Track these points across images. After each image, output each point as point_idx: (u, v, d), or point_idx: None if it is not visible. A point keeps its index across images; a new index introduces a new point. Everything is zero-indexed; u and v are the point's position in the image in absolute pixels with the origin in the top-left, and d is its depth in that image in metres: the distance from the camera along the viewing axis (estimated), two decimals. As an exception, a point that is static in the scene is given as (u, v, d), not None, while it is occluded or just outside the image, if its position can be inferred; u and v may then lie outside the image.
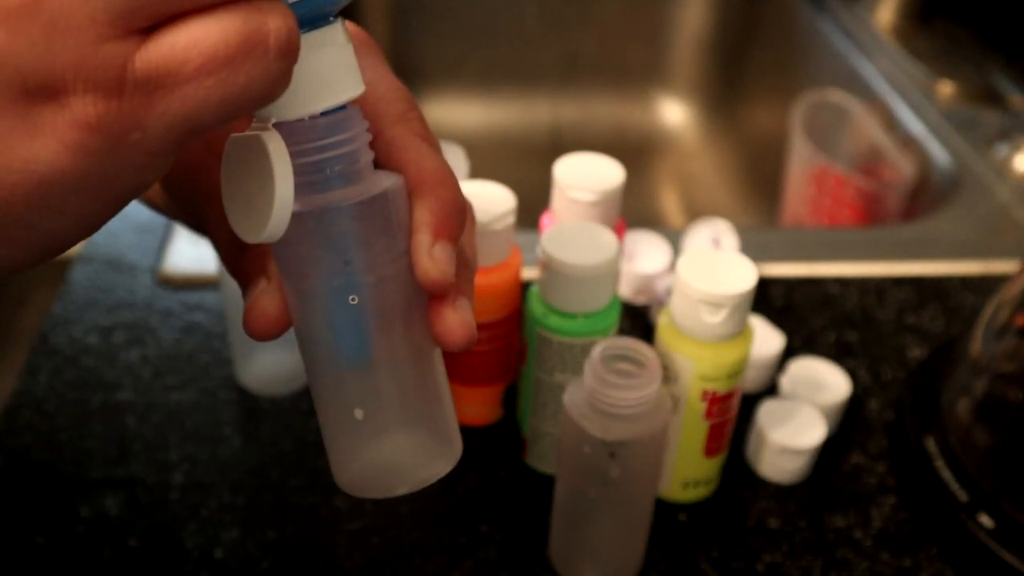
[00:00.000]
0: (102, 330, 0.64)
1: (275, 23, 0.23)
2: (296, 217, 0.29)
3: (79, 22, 0.22)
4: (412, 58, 1.18)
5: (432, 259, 0.30)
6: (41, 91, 0.23)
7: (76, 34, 0.22)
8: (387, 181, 0.30)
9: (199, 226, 0.35)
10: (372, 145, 0.31)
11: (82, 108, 0.23)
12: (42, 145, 0.23)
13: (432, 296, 0.31)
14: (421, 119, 0.33)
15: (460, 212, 0.32)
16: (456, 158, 0.56)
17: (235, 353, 0.60)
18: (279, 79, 0.24)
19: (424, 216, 0.31)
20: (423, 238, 0.30)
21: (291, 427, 0.58)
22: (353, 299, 0.30)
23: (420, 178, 0.31)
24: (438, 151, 0.33)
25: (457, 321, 0.31)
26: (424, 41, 1.18)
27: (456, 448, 0.33)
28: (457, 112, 1.21)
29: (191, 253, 0.70)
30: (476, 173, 0.59)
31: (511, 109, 1.23)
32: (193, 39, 0.22)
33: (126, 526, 0.52)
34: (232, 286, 0.56)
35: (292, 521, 0.53)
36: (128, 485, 0.54)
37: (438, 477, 0.33)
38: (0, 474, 0.55)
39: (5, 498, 0.54)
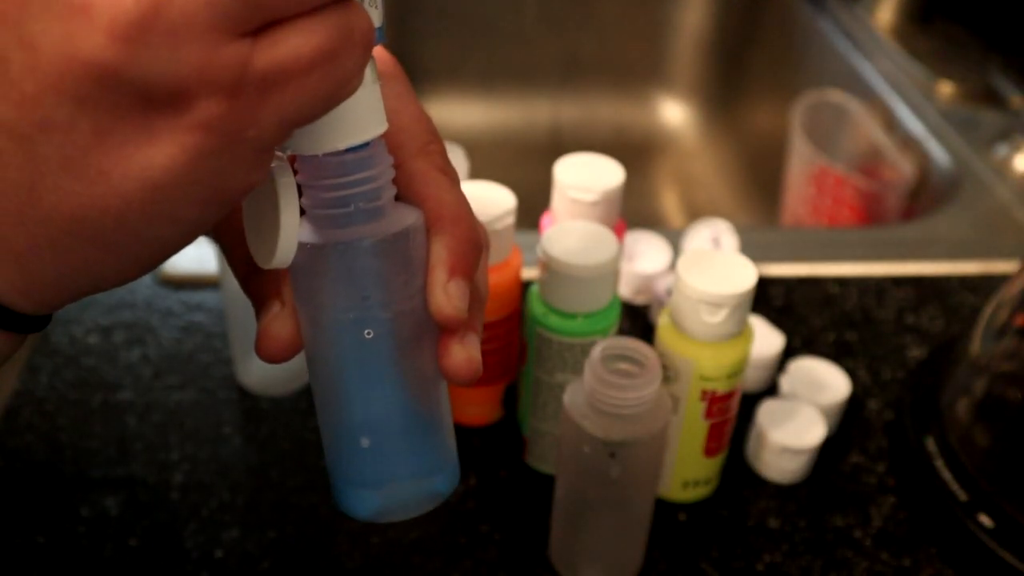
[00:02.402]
0: (102, 330, 0.64)
1: (358, 20, 0.25)
2: (317, 250, 0.29)
3: (200, 28, 0.22)
4: (412, 58, 1.18)
5: (447, 296, 0.31)
6: (162, 98, 0.23)
7: (198, 39, 0.23)
8: (408, 217, 0.31)
9: (217, 240, 0.35)
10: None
11: (203, 110, 0.23)
12: (158, 150, 0.24)
13: (442, 330, 0.32)
14: (442, 151, 0.34)
15: (476, 249, 0.32)
16: (456, 158, 0.56)
17: (235, 353, 0.60)
18: (359, 72, 0.26)
19: (441, 253, 0.31)
20: (439, 275, 0.31)
21: (291, 427, 0.58)
22: (368, 333, 0.30)
23: (439, 213, 0.32)
24: (457, 185, 0.33)
25: (464, 358, 0.32)
26: (424, 41, 1.18)
27: (455, 476, 0.34)
28: (457, 112, 1.21)
29: (191, 253, 0.70)
30: (476, 173, 0.59)
31: (511, 109, 1.23)
32: (303, 38, 0.24)
33: (126, 526, 0.52)
34: (233, 286, 0.56)
35: (292, 521, 0.53)
36: (128, 485, 0.54)
37: (436, 504, 0.33)
38: (0, 474, 0.55)
39: (5, 498, 0.54)
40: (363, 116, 0.29)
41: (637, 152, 1.22)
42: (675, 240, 0.70)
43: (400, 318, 0.31)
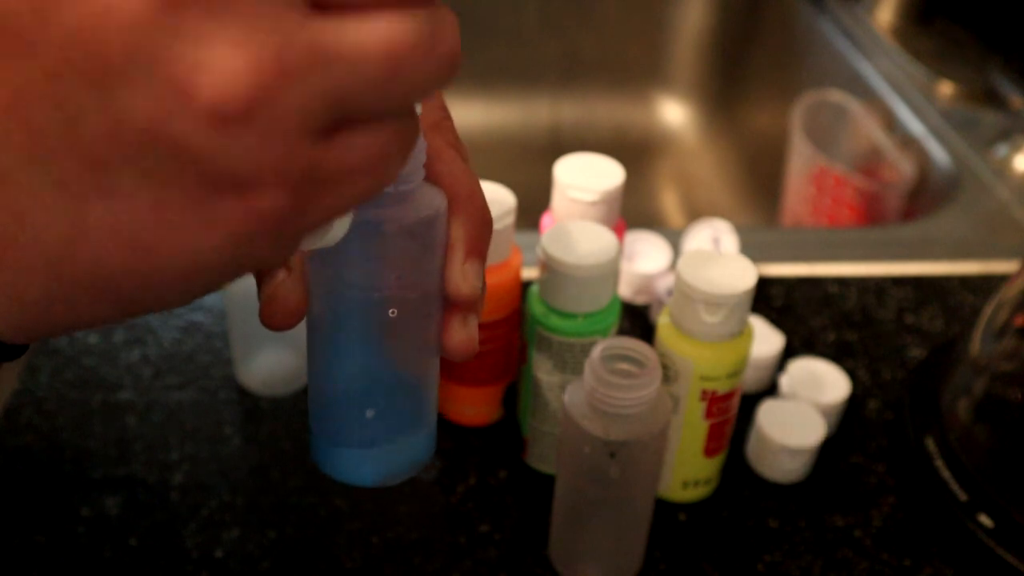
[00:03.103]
0: (103, 330, 0.64)
1: (412, 127, 0.26)
2: (358, 229, 0.29)
3: (287, 128, 0.22)
4: (412, 58, 1.18)
5: (464, 276, 0.32)
6: (229, 185, 0.23)
7: (283, 138, 0.22)
8: (436, 199, 0.31)
9: None
10: None
11: (265, 201, 0.23)
12: (209, 236, 0.24)
13: (448, 307, 0.33)
14: (453, 127, 0.34)
15: (488, 228, 0.33)
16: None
17: (235, 353, 0.60)
18: (398, 172, 0.26)
19: (459, 233, 0.32)
20: (457, 255, 0.32)
21: (291, 427, 0.58)
22: (393, 312, 0.31)
23: (454, 191, 0.32)
24: (467, 162, 0.34)
25: (464, 337, 0.33)
26: (424, 41, 1.18)
27: (434, 441, 0.36)
28: (457, 112, 1.20)
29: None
30: (476, 173, 0.59)
31: (511, 109, 1.23)
32: (367, 142, 0.24)
33: (126, 526, 0.52)
34: (233, 286, 0.56)
35: (292, 521, 0.53)
36: (128, 485, 0.54)
37: (420, 470, 0.36)
38: (0, 474, 0.55)
39: (5, 498, 0.54)
40: None
41: (637, 152, 1.22)
42: (675, 240, 0.70)
43: (421, 297, 0.32)
